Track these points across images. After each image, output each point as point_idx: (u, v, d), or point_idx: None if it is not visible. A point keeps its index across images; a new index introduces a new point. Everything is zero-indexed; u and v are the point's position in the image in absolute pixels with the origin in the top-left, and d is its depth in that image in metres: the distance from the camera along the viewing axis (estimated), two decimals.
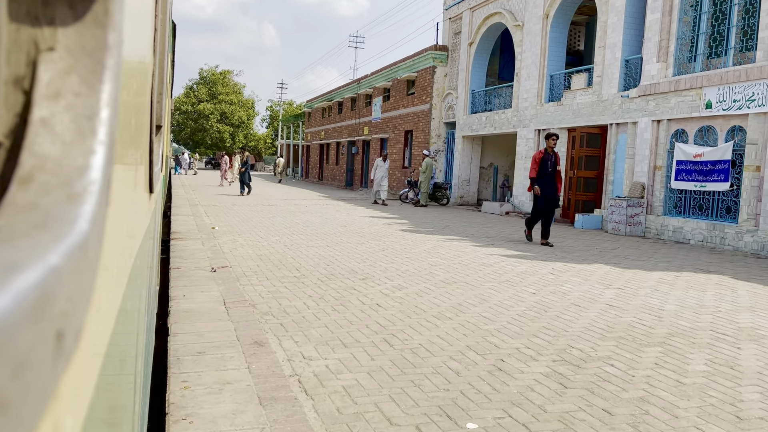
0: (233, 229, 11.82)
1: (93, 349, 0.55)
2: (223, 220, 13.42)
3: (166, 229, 12.87)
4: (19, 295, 0.28)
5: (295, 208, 17.77)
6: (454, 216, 16.86)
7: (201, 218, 13.80)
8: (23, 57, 0.43)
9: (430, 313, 5.64)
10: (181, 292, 6.34)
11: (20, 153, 0.40)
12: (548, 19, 16.53)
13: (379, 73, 28.51)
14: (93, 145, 0.44)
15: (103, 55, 0.47)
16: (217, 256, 8.69)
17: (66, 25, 0.46)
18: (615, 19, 13.79)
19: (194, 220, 13.12)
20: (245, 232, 11.51)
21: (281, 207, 17.80)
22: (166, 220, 14.35)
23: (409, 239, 11.10)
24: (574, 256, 9.52)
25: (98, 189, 0.42)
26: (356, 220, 14.62)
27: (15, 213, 0.36)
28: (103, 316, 0.62)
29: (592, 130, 14.85)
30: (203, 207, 16.85)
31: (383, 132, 28.09)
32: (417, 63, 24.12)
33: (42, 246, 0.33)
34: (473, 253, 9.50)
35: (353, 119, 33.34)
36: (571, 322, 5.47)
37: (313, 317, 5.37)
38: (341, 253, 9.15)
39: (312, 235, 11.27)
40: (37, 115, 0.42)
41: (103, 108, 0.46)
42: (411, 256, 9.07)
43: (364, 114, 31.46)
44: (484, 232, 12.68)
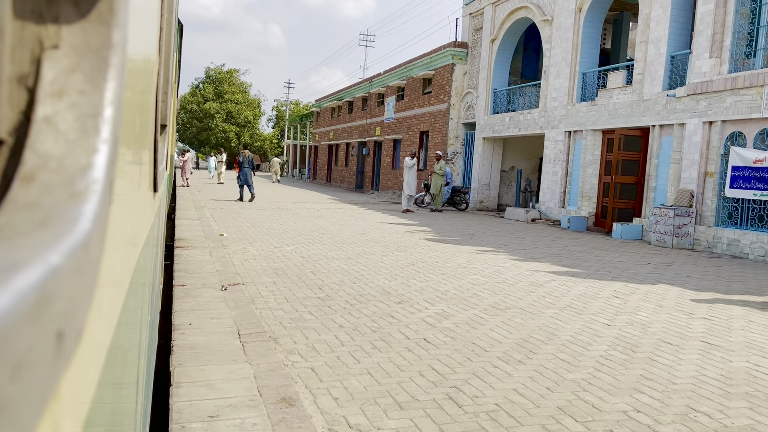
0: (243, 236, 10.76)
1: (95, 348, 0.53)
2: (231, 226, 12.36)
3: (170, 233, 11.88)
4: (18, 295, 0.28)
5: (307, 212, 16.70)
6: (477, 223, 15.76)
7: (207, 223, 12.74)
8: (27, 54, 0.42)
9: (493, 353, 4.55)
10: (187, 318, 5.27)
11: (23, 151, 0.40)
12: (581, 13, 15.42)
13: (393, 72, 27.42)
14: (96, 143, 0.43)
15: (108, 54, 0.47)
16: (227, 269, 7.63)
17: (70, 23, 0.46)
18: (660, 11, 12.68)
19: (200, 225, 12.06)
20: (256, 239, 10.45)
21: (292, 211, 16.74)
22: (171, 222, 13.34)
23: (438, 251, 10.02)
24: (631, 274, 8.41)
25: (101, 188, 0.42)
26: (374, 226, 13.55)
27: (17, 211, 0.36)
28: (105, 315, 0.60)
29: (631, 132, 13.73)
30: (209, 210, 15.80)
31: (396, 133, 27.00)
32: (434, 60, 23.03)
33: (43, 245, 0.32)
34: (515, 269, 8.40)
35: (364, 119, 32.26)
36: (672, 368, 4.37)
37: (351, 358, 4.29)
38: (366, 268, 8.08)
39: (330, 245, 10.21)
40: (41, 113, 0.42)
41: (107, 106, 0.46)
42: (446, 272, 7.99)
43: (376, 114, 30.38)
44: (518, 243, 11.58)
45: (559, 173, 16.10)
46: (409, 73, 25.63)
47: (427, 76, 23.87)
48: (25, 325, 0.28)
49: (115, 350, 0.74)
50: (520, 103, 18.87)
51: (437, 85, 22.90)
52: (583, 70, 15.52)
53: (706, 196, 11.61)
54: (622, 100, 13.77)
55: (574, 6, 15.61)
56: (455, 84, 21.86)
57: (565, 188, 15.99)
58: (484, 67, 20.26)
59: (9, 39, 0.39)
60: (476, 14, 21.23)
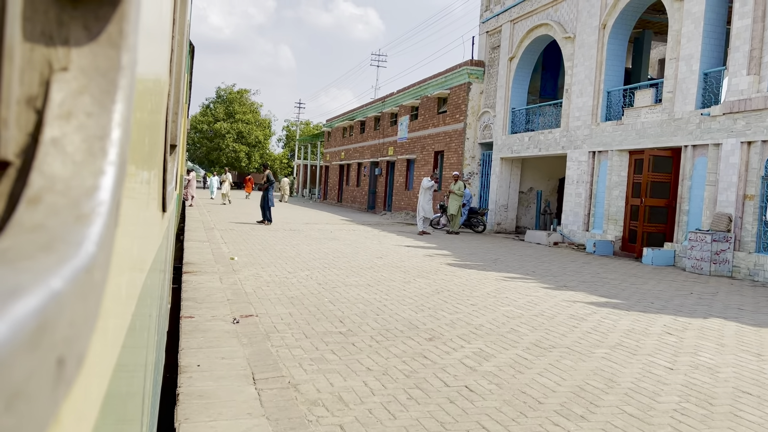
0: (255, 260, 10.18)
1: (97, 373, 0.52)
2: (242, 248, 11.80)
3: (178, 254, 11.36)
4: (17, 322, 0.27)
5: (320, 233, 16.13)
6: (497, 246, 15.11)
7: (218, 245, 12.19)
8: (36, 77, 0.43)
9: (549, 405, 3.92)
10: (195, 357, 4.67)
11: (30, 173, 0.40)
12: (605, 29, 14.91)
13: (407, 91, 27.00)
14: (103, 165, 0.43)
15: (116, 76, 0.47)
16: (238, 298, 7.04)
17: (80, 45, 0.46)
18: (691, 27, 12.13)
19: (210, 248, 11.50)
20: (269, 264, 9.87)
21: (304, 232, 16.18)
22: (179, 244, 12.82)
23: (463, 277, 9.39)
24: (676, 306, 7.74)
25: (107, 210, 0.42)
26: (391, 250, 12.94)
27: (21, 234, 0.36)
28: (109, 339, 0.59)
29: (661, 153, 13.11)
30: (219, 231, 15.26)
31: (410, 152, 26.49)
32: (450, 79, 22.57)
33: (45, 269, 0.32)
34: (550, 300, 7.76)
35: (377, 139, 31.82)
36: (763, 427, 3.71)
37: (385, 413, 3.67)
38: (389, 296, 7.47)
39: (347, 270, 9.61)
40: (48, 135, 0.42)
41: (114, 128, 0.46)
42: (476, 302, 7.36)
43: (389, 134, 29.92)
44: (545, 269, 10.93)
45: (582, 195, 15.47)
46: (424, 92, 25.19)
47: (443, 95, 23.40)
48: (24, 353, 0.27)
49: (119, 374, 0.72)
50: (540, 123, 18.31)
51: (453, 104, 22.41)
52: (607, 89, 14.96)
53: (746, 221, 10.94)
54: (651, 119, 13.17)
55: (597, 23, 15.11)
56: (471, 103, 21.36)
57: (590, 210, 15.34)
58: (502, 86, 19.76)
59: (18, 61, 0.39)
60: (493, 32, 20.80)
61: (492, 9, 20.78)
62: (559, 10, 16.96)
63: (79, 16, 0.46)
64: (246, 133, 64.72)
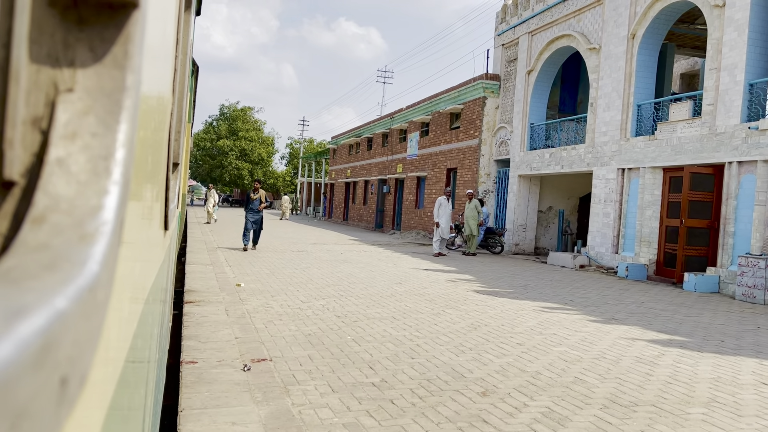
0: (264, 287, 9.21)
1: (100, 392, 0.53)
2: (248, 272, 10.83)
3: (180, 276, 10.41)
4: (21, 342, 0.27)
5: (329, 255, 15.16)
6: (521, 270, 14.12)
7: (221, 268, 11.23)
8: (42, 97, 0.44)
9: None
10: (198, 423, 3.69)
11: (35, 192, 0.41)
12: (635, 39, 14.05)
13: (417, 106, 26.17)
14: (107, 185, 0.44)
15: (121, 96, 0.48)
16: (248, 335, 6.07)
17: (85, 67, 0.46)
18: (734, 35, 11.26)
19: (214, 272, 10.54)
20: (280, 291, 8.90)
21: (313, 254, 15.21)
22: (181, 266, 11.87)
23: (496, 308, 8.41)
24: (750, 344, 6.74)
25: (111, 229, 0.42)
26: (409, 274, 11.96)
27: (26, 254, 0.36)
28: (111, 358, 0.60)
29: (700, 170, 12.15)
30: (223, 251, 14.30)
31: (420, 170, 25.59)
32: (463, 94, 21.73)
33: (50, 289, 0.32)
34: (605, 337, 6.77)
35: (385, 156, 30.94)
36: None
37: None
38: (420, 333, 6.50)
39: (366, 298, 8.64)
40: (54, 155, 0.43)
41: (119, 148, 0.46)
42: (522, 341, 6.38)
43: (398, 150, 29.05)
44: (584, 297, 9.94)
45: (611, 215, 14.50)
46: (435, 107, 24.35)
47: (455, 111, 22.55)
48: (27, 373, 0.27)
49: (121, 392, 0.73)
50: (562, 139, 17.41)
51: (466, 119, 21.54)
52: (638, 102, 14.06)
53: None
54: (689, 133, 12.25)
55: (626, 33, 14.25)
56: (486, 118, 20.49)
57: (619, 232, 14.36)
58: (519, 101, 18.89)
59: (24, 82, 0.40)
60: (510, 45, 19.98)
61: (508, 21, 19.99)
62: (582, 21, 16.13)
63: (85, 38, 0.47)
64: (249, 150, 63.99)
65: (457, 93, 22.09)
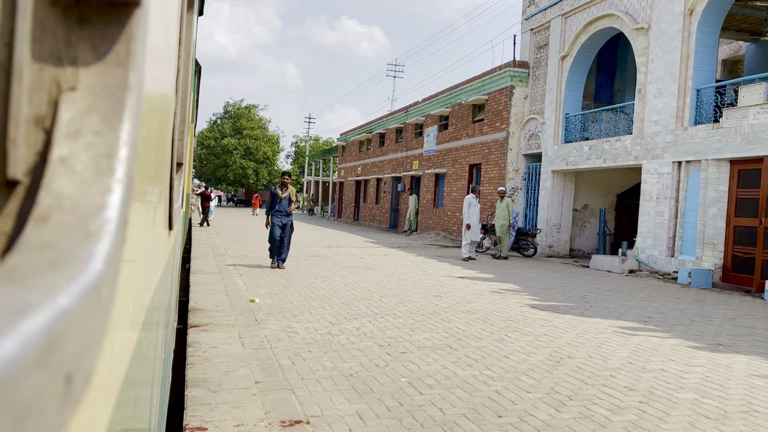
0: (282, 302, 7.72)
1: (105, 390, 0.52)
2: (262, 283, 9.33)
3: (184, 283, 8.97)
4: (25, 340, 0.28)
5: (348, 260, 13.66)
6: (567, 276, 12.56)
7: (231, 278, 9.73)
8: (45, 96, 0.43)
9: None
10: None
11: (38, 191, 0.41)
12: (692, 15, 12.48)
13: (435, 99, 24.60)
14: (111, 183, 0.44)
15: (124, 95, 0.48)
16: (272, 378, 4.58)
17: (88, 65, 0.46)
18: None
19: (222, 284, 9.04)
20: (301, 308, 7.40)
21: (330, 258, 13.71)
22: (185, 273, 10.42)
23: (568, 330, 6.89)
24: None
25: (114, 228, 0.42)
26: (444, 283, 10.45)
27: (30, 252, 0.36)
28: (116, 356, 0.60)
29: None
30: (231, 257, 12.80)
31: (439, 166, 24.03)
32: (488, 84, 20.15)
33: (54, 287, 0.32)
34: (731, 376, 5.24)
35: (399, 152, 29.38)
36: None
37: None
38: (494, 373, 4.98)
39: (407, 317, 7.14)
40: (57, 154, 0.43)
41: (122, 147, 0.46)
42: (627, 382, 4.86)
43: (413, 146, 27.49)
44: (660, 312, 8.39)
45: (665, 214, 12.93)
46: (455, 99, 22.78)
47: (479, 102, 20.97)
48: (32, 371, 0.28)
49: (127, 389, 0.72)
50: (602, 130, 15.84)
51: (492, 111, 19.96)
52: (697, 86, 12.48)
53: None
54: (764, 120, 10.68)
55: (682, 9, 12.67)
56: (514, 109, 18.91)
57: (675, 233, 12.79)
58: (552, 89, 17.32)
59: (27, 81, 0.40)
60: (539, 29, 18.41)
61: (538, 3, 18.41)
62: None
63: (87, 36, 0.47)
64: (254, 149, 62.56)
65: (481, 83, 20.52)
